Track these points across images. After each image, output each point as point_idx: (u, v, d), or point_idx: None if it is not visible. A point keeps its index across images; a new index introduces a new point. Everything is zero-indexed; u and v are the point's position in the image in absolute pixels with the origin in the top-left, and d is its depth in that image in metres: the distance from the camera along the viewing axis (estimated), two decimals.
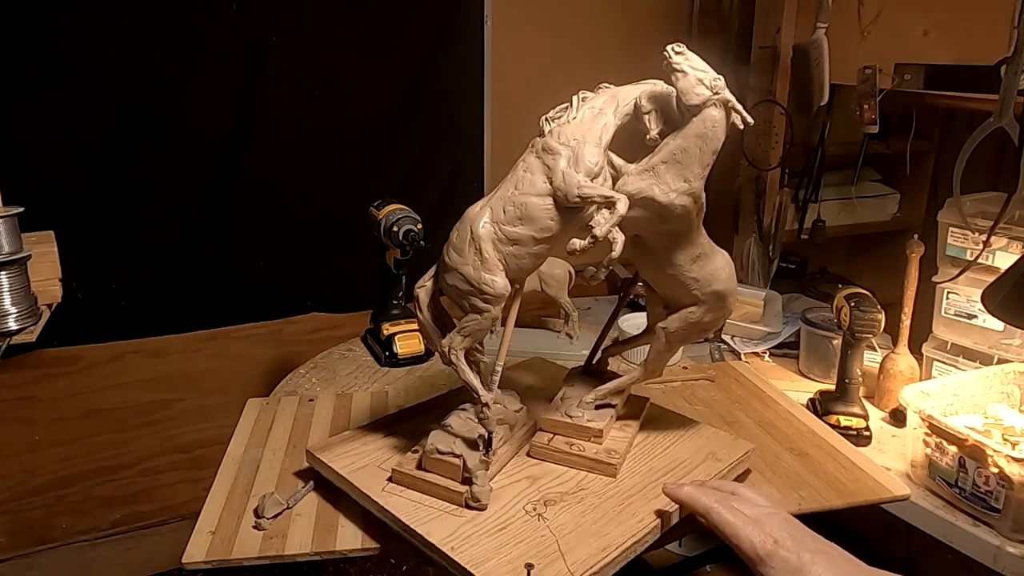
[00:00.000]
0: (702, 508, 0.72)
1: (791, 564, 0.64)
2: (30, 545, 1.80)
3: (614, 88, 0.81)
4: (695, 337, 0.90)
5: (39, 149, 1.56)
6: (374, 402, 1.14)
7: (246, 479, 0.92)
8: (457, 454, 0.79)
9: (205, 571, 0.79)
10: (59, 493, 1.80)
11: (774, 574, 0.64)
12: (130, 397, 1.82)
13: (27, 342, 1.21)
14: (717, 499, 0.72)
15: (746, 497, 0.74)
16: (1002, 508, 1.06)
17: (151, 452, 1.88)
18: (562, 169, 0.73)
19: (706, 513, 0.72)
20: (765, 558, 0.65)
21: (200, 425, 1.91)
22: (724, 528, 0.69)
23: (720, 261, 0.86)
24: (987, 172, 1.61)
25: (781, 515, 0.71)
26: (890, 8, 1.60)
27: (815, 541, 0.67)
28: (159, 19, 1.59)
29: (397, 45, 1.80)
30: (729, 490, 0.76)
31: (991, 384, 1.24)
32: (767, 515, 0.70)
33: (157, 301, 1.76)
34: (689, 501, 0.74)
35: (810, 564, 0.64)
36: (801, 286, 2.10)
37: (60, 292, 1.30)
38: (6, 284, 1.16)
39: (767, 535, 0.66)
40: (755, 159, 2.00)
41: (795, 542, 0.66)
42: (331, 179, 1.83)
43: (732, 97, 0.73)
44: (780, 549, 0.65)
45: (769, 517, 0.70)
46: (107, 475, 1.84)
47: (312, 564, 0.82)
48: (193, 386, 1.88)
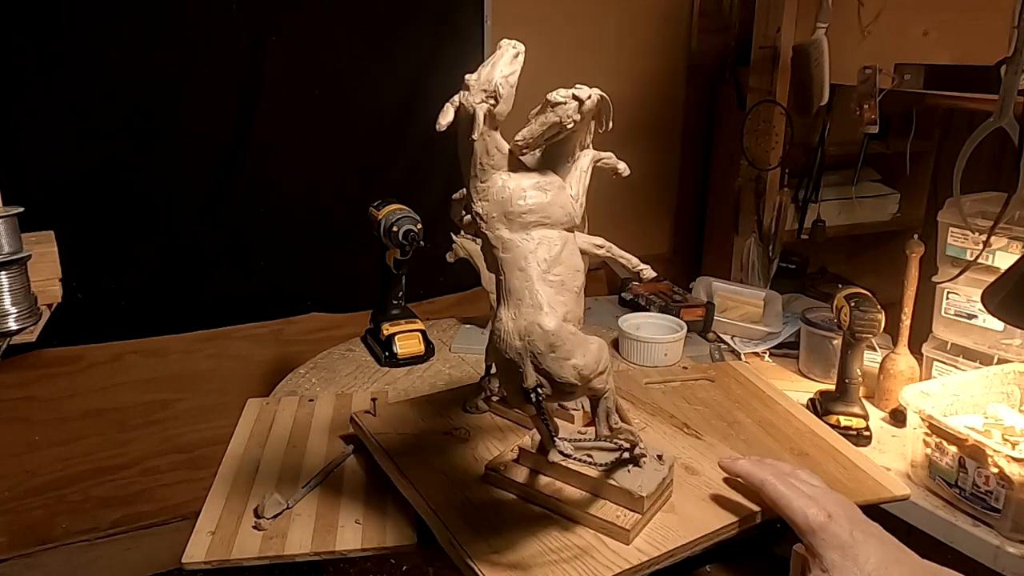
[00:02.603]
0: (757, 480, 0.73)
1: (841, 539, 0.64)
2: (30, 545, 1.80)
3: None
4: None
5: (39, 149, 1.57)
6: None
7: (246, 479, 0.92)
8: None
9: (205, 571, 0.79)
10: (59, 493, 1.80)
11: (823, 545, 0.65)
12: (130, 397, 1.82)
13: (27, 342, 1.21)
14: (773, 472, 0.73)
15: (803, 477, 0.75)
16: (1002, 508, 1.06)
17: (151, 452, 1.88)
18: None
19: (761, 485, 0.72)
20: (817, 529, 0.66)
21: (200, 425, 1.91)
22: (778, 499, 0.70)
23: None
24: (987, 172, 1.61)
25: (837, 494, 0.71)
26: (890, 8, 1.60)
27: (868, 524, 0.68)
28: (159, 19, 1.59)
29: (397, 45, 1.80)
30: (787, 469, 0.76)
31: (991, 384, 1.24)
32: (823, 493, 0.71)
33: (157, 301, 1.77)
34: (745, 474, 0.75)
35: (861, 543, 0.64)
36: (801, 286, 2.10)
37: (60, 292, 1.30)
38: (6, 284, 1.16)
39: (821, 508, 0.67)
40: (755, 159, 2.00)
41: (849, 520, 0.66)
42: (331, 179, 1.83)
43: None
44: (832, 523, 0.66)
45: (825, 494, 0.70)
46: (107, 475, 1.84)
47: (312, 564, 0.82)
48: (193, 386, 1.88)
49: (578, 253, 0.68)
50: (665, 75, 2.21)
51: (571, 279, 0.65)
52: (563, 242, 0.66)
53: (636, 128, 2.20)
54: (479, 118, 0.64)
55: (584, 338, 0.64)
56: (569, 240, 0.67)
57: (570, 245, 0.67)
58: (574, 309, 0.65)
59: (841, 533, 0.65)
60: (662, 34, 2.17)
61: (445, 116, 0.66)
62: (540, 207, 0.66)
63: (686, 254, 2.42)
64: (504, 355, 0.63)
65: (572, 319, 0.64)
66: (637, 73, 2.15)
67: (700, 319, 1.74)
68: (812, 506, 0.67)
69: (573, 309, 0.64)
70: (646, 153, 2.25)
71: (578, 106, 0.64)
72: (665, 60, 2.19)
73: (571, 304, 0.64)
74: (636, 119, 2.19)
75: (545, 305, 0.62)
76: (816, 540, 0.65)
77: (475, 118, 0.64)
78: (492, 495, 0.81)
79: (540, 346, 0.61)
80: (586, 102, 0.64)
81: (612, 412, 0.71)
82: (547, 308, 0.62)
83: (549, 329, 0.61)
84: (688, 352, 1.57)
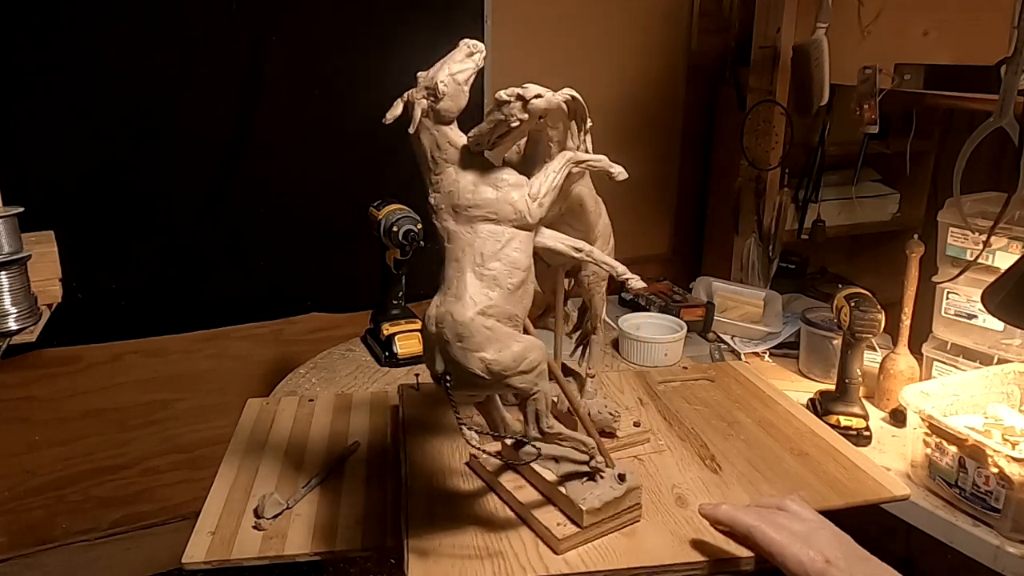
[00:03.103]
0: (743, 528, 0.69)
1: None
2: (30, 545, 1.80)
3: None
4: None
5: (39, 149, 1.56)
6: (374, 402, 1.14)
7: (246, 479, 0.92)
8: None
9: (205, 571, 0.79)
10: (59, 493, 1.80)
11: None
12: (130, 397, 1.82)
13: (27, 342, 1.21)
14: (758, 516, 0.69)
15: (792, 511, 0.71)
16: (1002, 508, 1.06)
17: (151, 452, 1.88)
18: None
19: (748, 533, 0.68)
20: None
21: (200, 425, 1.91)
22: (770, 547, 0.66)
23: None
24: (987, 172, 1.60)
25: (829, 530, 0.68)
26: (890, 8, 1.60)
27: (867, 562, 0.65)
28: (159, 19, 1.59)
29: (397, 45, 1.80)
30: (774, 505, 0.72)
31: (991, 384, 1.24)
32: (815, 530, 0.67)
33: (157, 301, 1.76)
34: (728, 521, 0.71)
35: None
36: (801, 286, 2.10)
37: (60, 292, 1.30)
38: (6, 284, 1.16)
39: (817, 552, 0.63)
40: (755, 159, 2.00)
41: (848, 563, 0.63)
42: (331, 179, 1.83)
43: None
44: (832, 569, 0.62)
45: (817, 533, 0.66)
46: (107, 475, 1.84)
47: (312, 564, 0.82)
48: (193, 386, 1.88)
49: (525, 252, 0.67)
50: (665, 75, 2.21)
51: (506, 276, 0.65)
52: (508, 239, 0.66)
53: (636, 128, 2.20)
54: (415, 114, 0.67)
55: (506, 334, 0.64)
56: (518, 238, 0.67)
57: (517, 243, 0.67)
58: (502, 306, 0.65)
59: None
60: (662, 34, 2.17)
61: (393, 111, 0.69)
62: (487, 203, 0.66)
63: (686, 254, 2.42)
64: (426, 339, 0.66)
65: (497, 315, 0.64)
66: (637, 73, 2.15)
67: (700, 319, 1.74)
68: (808, 552, 0.64)
69: (500, 305, 0.65)
70: (646, 153, 2.25)
71: (522, 105, 0.64)
72: (665, 60, 2.19)
73: (498, 300, 0.65)
74: (636, 119, 2.19)
75: (466, 296, 0.64)
76: None
77: (412, 113, 0.67)
78: (470, 485, 0.84)
79: (448, 335, 0.63)
80: (531, 101, 0.64)
81: (543, 415, 0.69)
82: (467, 300, 0.63)
83: (459, 320, 0.63)
84: (688, 352, 1.57)
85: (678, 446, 0.95)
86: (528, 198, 0.67)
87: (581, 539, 0.73)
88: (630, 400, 1.07)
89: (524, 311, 0.68)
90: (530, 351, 0.65)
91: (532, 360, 0.65)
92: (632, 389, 1.11)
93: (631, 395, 1.09)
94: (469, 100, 0.69)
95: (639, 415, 0.98)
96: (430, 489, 0.82)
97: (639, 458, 0.89)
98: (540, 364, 0.66)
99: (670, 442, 0.95)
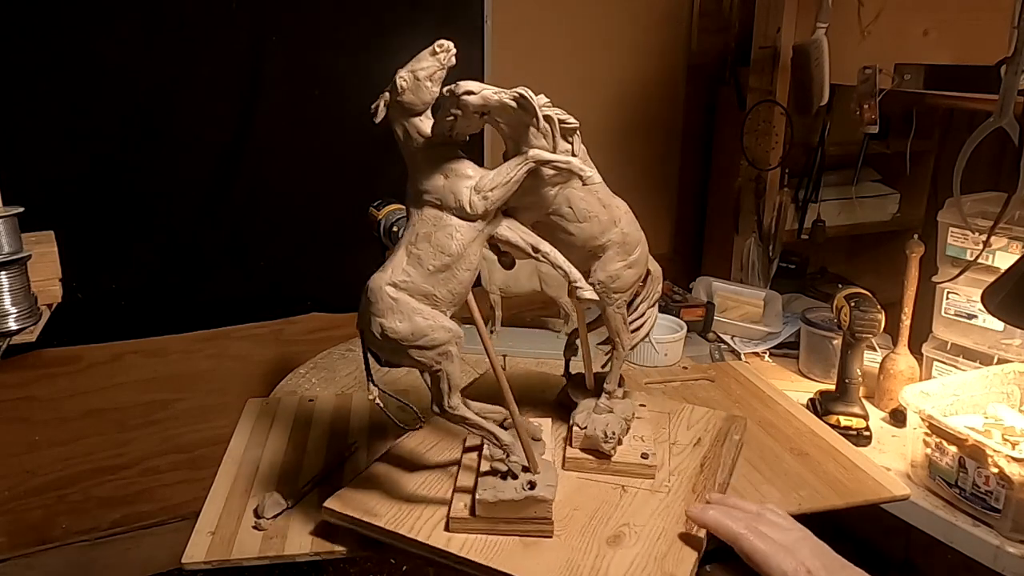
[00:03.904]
0: (730, 534, 0.71)
1: None
2: (30, 545, 1.80)
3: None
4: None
5: (39, 149, 1.56)
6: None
7: (246, 479, 0.92)
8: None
9: (205, 571, 0.79)
10: (59, 493, 1.80)
11: None
12: (130, 397, 1.82)
13: (27, 342, 1.21)
14: (745, 524, 0.71)
15: (771, 520, 0.73)
16: (1002, 508, 1.06)
17: (151, 452, 1.88)
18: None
19: (734, 540, 0.70)
20: None
21: (200, 425, 1.91)
22: (754, 556, 0.68)
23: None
24: (987, 172, 1.61)
25: (811, 540, 0.70)
26: (890, 8, 1.60)
27: (847, 569, 0.67)
28: (159, 19, 1.59)
29: (397, 45, 1.80)
30: (754, 510, 0.74)
31: (991, 384, 1.24)
32: (797, 540, 0.69)
33: (157, 301, 1.76)
34: (716, 526, 0.73)
35: None
36: (801, 286, 2.10)
37: (60, 292, 1.30)
38: (6, 284, 1.16)
39: (799, 563, 0.66)
40: (755, 159, 2.00)
41: (828, 572, 0.65)
42: (331, 179, 1.83)
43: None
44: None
45: (800, 543, 0.69)
46: (107, 475, 1.84)
47: (312, 564, 0.82)
48: (193, 386, 1.88)
49: (460, 239, 0.71)
50: (665, 75, 2.21)
51: (430, 257, 0.71)
52: (444, 225, 0.71)
53: (636, 128, 2.20)
54: (379, 107, 0.74)
55: (411, 309, 0.70)
56: (455, 226, 0.71)
57: (452, 230, 0.71)
58: (419, 284, 0.71)
59: None
60: (662, 34, 2.17)
61: (380, 112, 0.75)
62: (435, 189, 0.72)
63: (686, 254, 2.42)
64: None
65: (410, 290, 0.71)
66: (637, 73, 2.15)
67: (700, 319, 1.74)
68: (790, 562, 0.66)
69: (417, 283, 0.71)
70: (646, 153, 2.25)
71: (455, 100, 0.69)
72: (665, 60, 2.19)
73: (416, 278, 0.71)
74: (636, 119, 2.19)
75: (389, 269, 0.71)
76: None
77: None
78: (442, 458, 0.88)
79: (364, 298, 0.71)
80: (461, 97, 0.68)
81: (445, 395, 0.73)
82: (388, 272, 0.71)
83: (371, 286, 0.71)
84: (688, 352, 1.57)
85: (684, 493, 0.84)
86: (474, 190, 0.71)
87: (472, 527, 0.76)
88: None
89: (449, 294, 0.72)
90: (434, 330, 0.70)
91: (433, 339, 0.70)
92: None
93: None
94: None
95: (663, 451, 0.91)
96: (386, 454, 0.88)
97: (625, 488, 0.84)
98: (443, 345, 0.71)
99: (680, 486, 0.85)
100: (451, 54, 0.72)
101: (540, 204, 0.78)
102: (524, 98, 0.70)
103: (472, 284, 0.75)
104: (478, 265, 0.74)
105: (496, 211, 0.74)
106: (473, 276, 0.74)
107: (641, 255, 0.86)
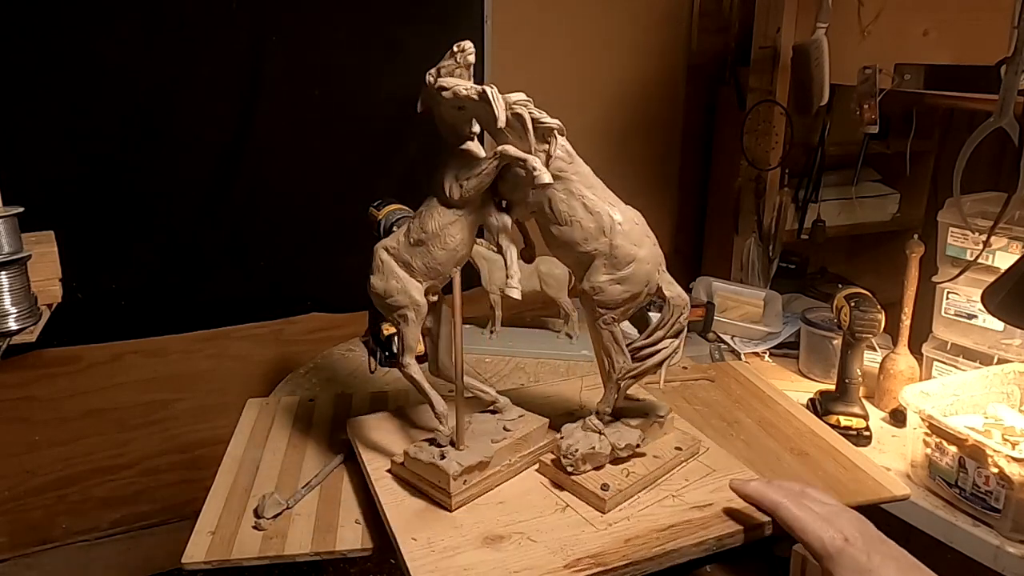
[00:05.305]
0: (770, 503, 0.72)
1: (859, 563, 0.64)
2: (30, 545, 1.81)
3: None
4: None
5: (39, 149, 1.57)
6: (374, 401, 1.14)
7: (246, 479, 0.92)
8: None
9: (205, 571, 0.79)
10: (59, 493, 1.81)
11: (841, 571, 0.64)
12: (130, 397, 1.82)
13: (27, 342, 1.21)
14: (785, 494, 0.72)
15: (814, 496, 0.73)
16: (1002, 508, 1.06)
17: (151, 452, 1.88)
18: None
19: (774, 508, 0.71)
20: (835, 554, 0.65)
21: (200, 425, 1.91)
22: (793, 523, 0.69)
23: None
24: (987, 172, 1.61)
25: (852, 513, 0.70)
26: (890, 8, 1.60)
27: (885, 544, 0.67)
28: (159, 19, 1.59)
29: (397, 45, 1.80)
30: (797, 489, 0.75)
31: (991, 384, 1.24)
32: (837, 512, 0.70)
33: (157, 301, 1.77)
34: (757, 496, 0.74)
35: (879, 566, 0.63)
36: (801, 286, 2.10)
37: (60, 292, 1.30)
38: (6, 284, 1.16)
39: (837, 531, 0.66)
40: (755, 159, 2.00)
41: (865, 542, 0.65)
42: (331, 179, 1.83)
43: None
44: (850, 547, 0.64)
45: (839, 515, 0.69)
46: (107, 475, 1.85)
47: (312, 564, 0.82)
48: (193, 386, 1.88)
49: (438, 221, 0.81)
50: (665, 75, 2.21)
51: (412, 232, 0.82)
52: (431, 208, 0.81)
53: (636, 128, 2.20)
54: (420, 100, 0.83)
55: (390, 271, 0.82)
56: (439, 210, 0.81)
57: (435, 213, 0.81)
58: (400, 252, 0.83)
59: (859, 557, 0.64)
60: (662, 34, 2.17)
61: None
62: (434, 179, 0.82)
63: (686, 254, 2.42)
64: None
65: (395, 256, 0.83)
66: (637, 73, 2.15)
67: (700, 319, 1.74)
68: (828, 529, 0.66)
69: (399, 251, 0.83)
70: (646, 153, 2.25)
71: (435, 93, 0.77)
72: (665, 60, 2.19)
73: (400, 247, 0.83)
74: (636, 119, 2.19)
75: (392, 237, 0.84)
76: (834, 565, 0.64)
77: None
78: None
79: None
80: (439, 92, 0.76)
81: (401, 352, 0.85)
82: (390, 239, 0.84)
83: (375, 247, 0.84)
84: (688, 352, 1.57)
85: (611, 540, 0.74)
86: (455, 180, 0.79)
87: (401, 474, 0.84)
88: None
89: (423, 267, 0.82)
90: (399, 293, 0.82)
91: (396, 300, 0.83)
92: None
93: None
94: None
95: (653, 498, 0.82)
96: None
97: (567, 507, 0.79)
98: (402, 309, 0.83)
99: (613, 534, 0.75)
100: (467, 53, 0.77)
101: (524, 201, 0.81)
102: (485, 94, 0.73)
103: (453, 264, 0.83)
104: (458, 249, 0.82)
105: (476, 200, 0.80)
106: (451, 257, 0.82)
107: (634, 273, 0.80)
